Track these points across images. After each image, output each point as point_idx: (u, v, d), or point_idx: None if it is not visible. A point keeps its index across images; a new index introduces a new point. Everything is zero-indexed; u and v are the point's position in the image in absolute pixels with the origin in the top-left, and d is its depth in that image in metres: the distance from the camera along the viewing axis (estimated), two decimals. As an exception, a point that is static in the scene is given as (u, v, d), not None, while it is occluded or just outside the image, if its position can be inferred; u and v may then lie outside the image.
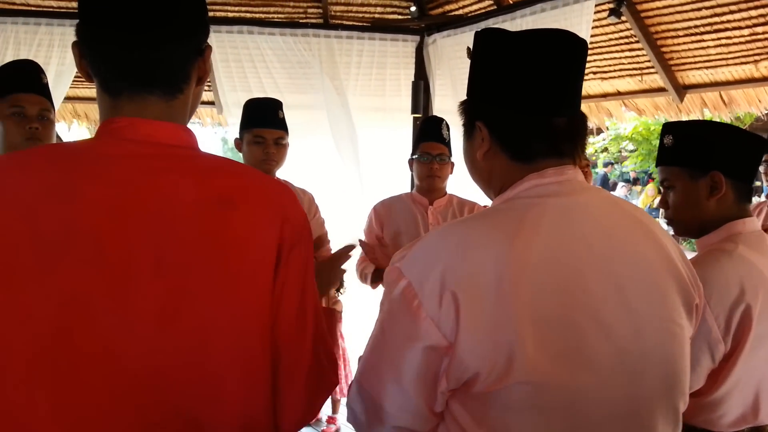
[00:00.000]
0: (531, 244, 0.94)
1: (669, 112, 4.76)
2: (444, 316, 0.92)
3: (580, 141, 1.06)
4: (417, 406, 0.99)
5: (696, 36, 4.15)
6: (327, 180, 5.00)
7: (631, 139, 15.29)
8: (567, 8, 4.04)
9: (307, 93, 5.06)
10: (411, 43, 5.18)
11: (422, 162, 2.86)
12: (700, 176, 1.52)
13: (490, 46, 1.08)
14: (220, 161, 0.99)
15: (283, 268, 0.96)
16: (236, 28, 4.77)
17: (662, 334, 1.00)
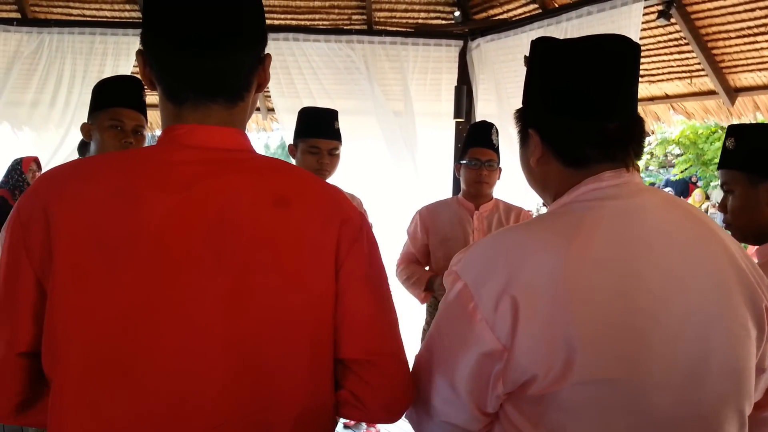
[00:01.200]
0: (589, 246, 0.94)
1: (719, 115, 4.64)
2: (500, 320, 0.93)
3: (633, 146, 1.05)
4: (467, 407, 1.01)
5: (748, 38, 4.04)
6: (375, 184, 5.05)
7: (678, 143, 14.92)
8: (615, 11, 3.98)
9: (355, 98, 5.11)
10: (454, 47, 5.17)
11: (471, 168, 2.86)
12: (761, 181, 1.49)
13: (540, 54, 1.09)
14: (275, 163, 1.03)
15: (344, 264, 0.98)
16: (282, 36, 4.85)
17: (726, 336, 0.99)
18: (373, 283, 1.03)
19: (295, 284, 0.95)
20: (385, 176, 5.19)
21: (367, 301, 1.01)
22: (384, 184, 5.17)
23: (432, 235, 3.00)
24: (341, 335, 1.01)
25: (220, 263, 0.92)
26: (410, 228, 3.11)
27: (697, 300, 0.97)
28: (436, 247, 2.99)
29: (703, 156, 13.80)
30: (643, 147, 1.07)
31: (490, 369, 0.96)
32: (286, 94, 4.98)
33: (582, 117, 1.03)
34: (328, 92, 5.05)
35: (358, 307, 1.00)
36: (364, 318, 1.00)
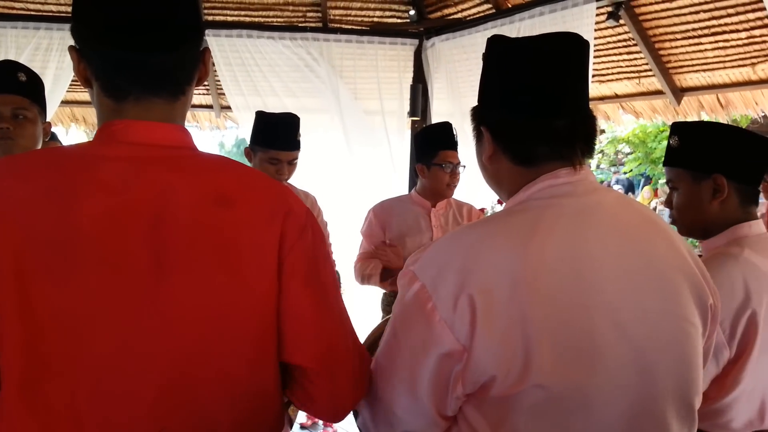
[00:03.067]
0: (546, 245, 0.94)
1: (666, 114, 4.77)
2: (459, 320, 0.92)
3: (581, 144, 1.05)
4: (428, 412, 0.99)
5: (694, 39, 4.16)
6: (332, 182, 5.02)
7: (628, 142, 15.30)
8: (566, 12, 4.05)
9: (312, 96, 5.09)
10: (410, 46, 5.19)
11: (445, 171, 2.86)
12: (704, 178, 1.52)
13: (492, 52, 1.09)
14: (218, 160, 1.01)
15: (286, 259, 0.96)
16: (235, 32, 4.79)
17: (675, 333, 1.01)
18: (318, 282, 1.00)
19: (237, 284, 0.93)
20: (342, 174, 5.17)
21: (311, 302, 0.98)
22: (341, 182, 5.16)
23: (389, 232, 2.99)
24: (284, 338, 0.99)
25: (160, 264, 0.89)
26: (364, 227, 3.08)
27: (648, 297, 0.99)
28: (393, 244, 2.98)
29: (651, 154, 14.18)
30: (593, 145, 1.08)
31: (450, 370, 0.95)
32: (243, 92, 4.92)
33: (530, 115, 1.03)
34: (285, 90, 5.01)
35: (301, 308, 0.98)
36: (307, 321, 0.98)
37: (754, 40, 3.92)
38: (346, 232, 3.98)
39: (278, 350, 0.99)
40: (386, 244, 2.91)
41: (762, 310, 1.39)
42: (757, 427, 1.48)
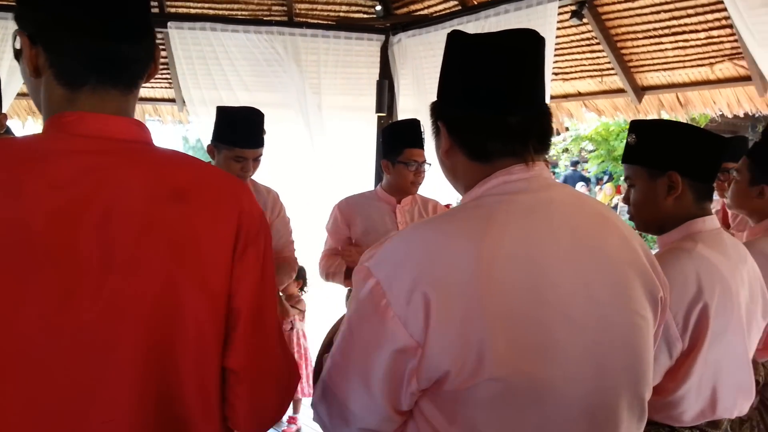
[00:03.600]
0: (500, 241, 0.95)
1: (628, 112, 4.85)
2: (412, 316, 0.92)
3: (533, 141, 1.06)
4: (383, 408, 0.99)
5: (654, 39, 4.24)
6: (295, 178, 4.98)
7: (591, 139, 15.56)
8: (531, 9, 4.09)
9: (276, 91, 5.03)
10: (376, 42, 5.19)
11: (409, 169, 2.85)
12: (659, 175, 1.55)
13: (450, 48, 1.09)
14: (173, 155, 0.99)
15: (239, 262, 0.95)
16: (198, 25, 4.71)
17: (627, 326, 1.02)
18: (262, 291, 0.99)
19: (192, 282, 0.91)
20: (307, 170, 5.14)
21: (255, 310, 0.97)
22: (306, 177, 5.12)
23: (353, 228, 2.98)
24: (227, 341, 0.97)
25: (108, 260, 0.87)
26: (329, 223, 3.07)
27: (600, 292, 1.00)
28: (357, 240, 2.97)
29: (614, 152, 14.44)
30: (548, 142, 1.09)
31: (404, 366, 0.95)
32: (201, 86, 4.84)
33: (485, 110, 1.04)
34: (246, 84, 4.94)
35: (245, 315, 0.96)
36: (248, 328, 0.97)
37: (713, 40, 4.01)
38: (311, 228, 3.96)
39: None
40: (351, 244, 2.91)
41: (713, 303, 1.42)
42: (709, 417, 1.52)
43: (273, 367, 1.02)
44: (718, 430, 1.56)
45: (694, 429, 1.53)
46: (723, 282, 1.45)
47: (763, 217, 2.02)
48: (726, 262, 1.48)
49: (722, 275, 1.46)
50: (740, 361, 1.54)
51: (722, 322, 1.44)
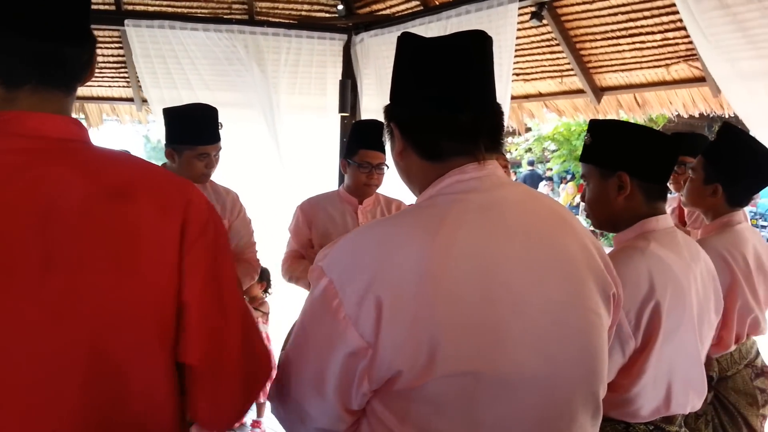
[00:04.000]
0: (452, 240, 0.95)
1: (587, 113, 4.92)
2: (364, 317, 0.92)
3: (484, 139, 1.06)
4: (335, 408, 0.99)
5: (612, 40, 4.31)
6: (257, 179, 4.93)
7: (553, 139, 15.79)
8: (491, 10, 4.12)
9: (237, 90, 4.97)
10: (339, 41, 5.17)
11: (361, 171, 2.82)
12: (609, 175, 1.58)
13: (399, 51, 1.10)
14: (113, 154, 0.98)
15: (187, 255, 0.94)
16: (157, 23, 4.62)
17: (581, 323, 1.03)
18: (217, 282, 0.97)
19: (134, 281, 0.90)
20: (269, 170, 5.08)
21: (207, 303, 0.96)
22: (268, 177, 5.07)
23: (314, 228, 2.95)
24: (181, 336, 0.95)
25: (48, 260, 0.85)
26: (291, 224, 3.04)
27: (553, 289, 1.01)
28: (317, 242, 2.94)
29: (575, 152, 14.68)
30: (500, 140, 1.09)
31: (355, 367, 0.94)
32: (161, 85, 4.75)
33: (435, 110, 1.05)
34: (207, 83, 4.87)
35: (196, 308, 0.95)
36: (200, 321, 0.95)
37: (668, 42, 4.09)
38: (275, 230, 3.92)
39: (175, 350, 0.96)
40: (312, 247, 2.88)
41: (666, 301, 1.44)
42: (663, 413, 1.55)
43: (234, 362, 1.00)
44: (672, 425, 1.58)
45: (649, 425, 1.55)
46: (675, 280, 1.48)
47: (717, 214, 2.07)
48: (679, 261, 1.51)
49: (674, 274, 1.48)
50: (693, 359, 1.56)
51: (675, 320, 1.47)
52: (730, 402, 2.02)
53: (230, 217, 2.72)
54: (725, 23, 3.30)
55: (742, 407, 2.02)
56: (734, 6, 3.25)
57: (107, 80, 5.29)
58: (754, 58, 3.32)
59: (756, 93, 3.42)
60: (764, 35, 3.25)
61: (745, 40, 3.30)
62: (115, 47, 5.01)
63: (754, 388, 2.05)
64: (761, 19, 3.21)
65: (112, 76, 5.25)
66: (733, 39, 3.31)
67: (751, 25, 3.25)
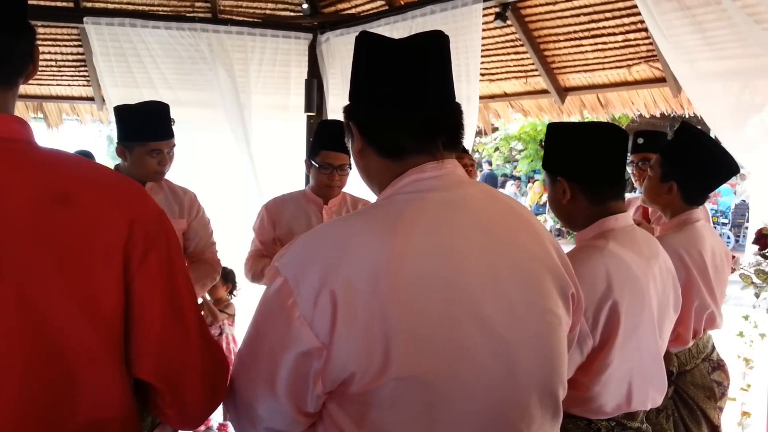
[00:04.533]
0: (409, 239, 0.94)
1: (552, 113, 4.98)
2: (318, 316, 0.91)
3: (442, 137, 1.06)
4: (288, 411, 0.98)
5: (575, 41, 4.36)
6: (222, 179, 4.87)
7: (519, 139, 15.95)
8: (456, 11, 4.14)
9: (200, 89, 4.90)
10: (304, 40, 5.13)
11: (322, 171, 2.80)
12: (555, 180, 1.61)
13: (356, 51, 1.10)
14: (59, 155, 0.94)
15: (140, 268, 0.91)
16: (117, 20, 4.52)
17: (538, 323, 1.03)
18: (174, 294, 0.95)
19: (81, 289, 0.87)
20: (234, 171, 5.02)
21: (161, 315, 0.93)
22: (234, 178, 5.01)
23: (279, 228, 2.92)
24: (132, 350, 0.93)
25: None
26: (256, 224, 3.01)
27: (511, 289, 1.00)
28: (282, 241, 2.91)
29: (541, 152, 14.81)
30: (459, 138, 1.09)
31: (308, 368, 0.93)
32: (122, 84, 4.66)
33: (392, 108, 1.04)
34: (170, 82, 4.79)
35: (150, 321, 0.93)
36: (155, 335, 0.93)
37: (630, 43, 4.16)
38: (240, 230, 3.87)
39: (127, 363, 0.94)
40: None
41: (624, 300, 1.45)
42: (625, 409, 1.56)
43: (196, 368, 0.99)
44: (634, 421, 1.60)
45: (611, 421, 1.56)
46: (634, 279, 1.49)
47: (675, 212, 2.10)
48: (637, 259, 1.52)
49: (633, 272, 1.49)
50: (652, 356, 1.58)
51: (633, 318, 1.48)
52: (689, 396, 2.06)
53: (188, 217, 2.67)
54: (684, 24, 3.37)
55: (701, 401, 2.06)
56: (693, 8, 3.32)
57: (67, 79, 5.17)
58: (711, 59, 3.40)
59: (714, 93, 3.50)
60: (721, 37, 3.32)
61: (703, 42, 3.37)
62: (74, 45, 4.89)
63: (712, 382, 2.09)
64: (718, 21, 3.28)
65: (72, 74, 5.13)
66: (692, 40, 3.38)
67: (709, 27, 3.33)
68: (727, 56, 3.37)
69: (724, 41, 3.33)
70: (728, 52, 3.36)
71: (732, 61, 3.37)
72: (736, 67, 3.38)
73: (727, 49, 3.36)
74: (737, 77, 3.42)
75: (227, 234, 3.74)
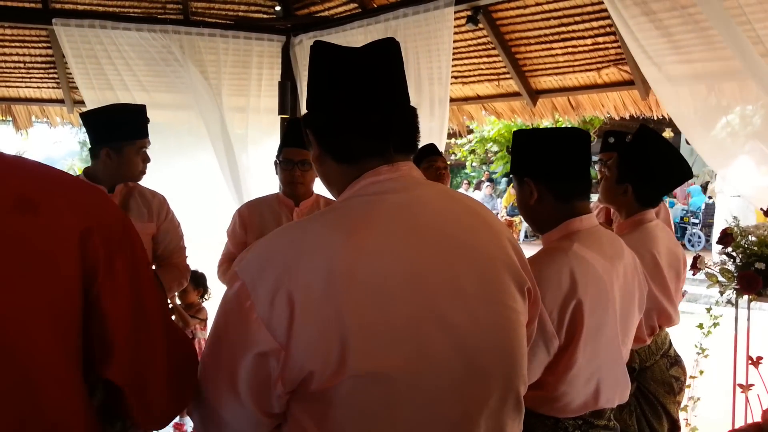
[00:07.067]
0: (366, 240, 0.96)
1: (524, 115, 5.03)
2: (276, 317, 0.92)
3: (394, 138, 1.07)
4: (251, 413, 0.99)
5: (545, 44, 4.41)
6: (194, 181, 4.83)
7: (495, 141, 16.07)
8: (429, 14, 4.16)
9: (176, 92, 4.86)
10: (277, 43, 5.12)
11: (284, 168, 2.82)
12: (522, 182, 1.64)
13: (312, 58, 1.11)
14: (17, 160, 0.93)
15: (107, 275, 0.90)
16: (87, 22, 4.46)
17: (497, 319, 1.04)
18: (136, 298, 0.95)
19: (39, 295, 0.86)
20: (208, 173, 4.99)
21: (126, 319, 0.93)
22: (207, 181, 4.97)
23: (250, 232, 2.92)
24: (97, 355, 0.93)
25: None
26: (230, 227, 3.01)
27: (468, 286, 1.02)
28: (253, 245, 2.91)
29: (516, 154, 14.91)
30: (413, 140, 1.11)
31: (267, 368, 0.94)
32: (95, 86, 4.60)
33: (344, 111, 1.05)
34: (142, 84, 4.75)
35: (115, 325, 0.92)
36: (125, 340, 0.93)
37: (599, 46, 4.22)
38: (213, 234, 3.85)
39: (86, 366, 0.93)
40: None
41: (587, 300, 1.48)
42: (592, 407, 1.58)
43: (160, 372, 0.99)
44: (601, 419, 1.62)
45: (578, 419, 1.59)
46: (598, 280, 1.52)
47: (629, 213, 2.14)
48: (601, 260, 1.55)
49: (597, 273, 1.52)
50: (616, 354, 1.61)
51: (597, 317, 1.51)
52: (650, 392, 2.10)
53: (157, 220, 2.65)
54: (652, 28, 3.43)
55: (661, 396, 2.10)
56: (659, 12, 3.38)
57: (36, 81, 5.09)
58: (678, 62, 3.46)
59: (682, 95, 3.56)
60: (686, 41, 3.39)
61: (669, 45, 3.44)
62: (42, 47, 4.82)
63: (670, 377, 2.14)
64: (683, 25, 3.35)
65: (41, 76, 5.06)
66: (660, 44, 3.44)
67: (675, 31, 3.39)
68: (693, 59, 3.44)
69: (691, 44, 3.40)
70: (695, 55, 3.43)
71: (698, 65, 3.43)
72: (702, 71, 3.45)
73: (693, 53, 3.43)
74: (704, 80, 3.49)
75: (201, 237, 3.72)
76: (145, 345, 0.97)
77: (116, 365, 0.93)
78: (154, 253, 2.65)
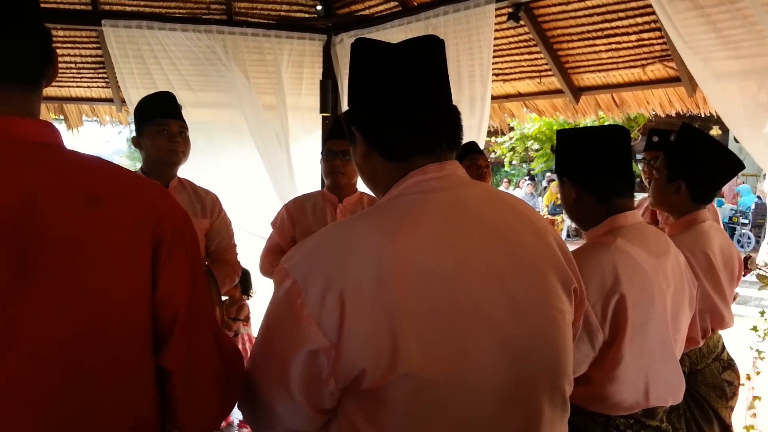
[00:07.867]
0: (413, 238, 0.97)
1: (566, 113, 4.96)
2: (327, 315, 0.93)
3: (443, 136, 1.09)
4: (304, 409, 1.00)
5: (589, 41, 4.34)
6: (237, 178, 4.91)
7: (535, 138, 15.86)
8: (470, 11, 4.14)
9: (220, 91, 4.93)
10: (318, 42, 5.16)
11: (326, 159, 2.88)
12: (563, 182, 1.67)
13: (354, 56, 1.12)
14: (87, 158, 0.97)
15: (167, 263, 0.94)
16: (135, 23, 4.58)
17: (542, 319, 1.05)
18: (195, 292, 0.99)
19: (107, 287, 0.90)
20: (251, 171, 5.06)
21: (190, 311, 0.97)
22: (250, 179, 5.05)
23: (297, 227, 2.98)
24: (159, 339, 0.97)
25: (24, 268, 0.85)
26: (276, 220, 3.07)
27: (514, 286, 1.02)
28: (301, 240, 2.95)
29: (558, 151, 14.69)
30: (458, 138, 1.12)
31: (319, 366, 0.96)
32: (140, 86, 4.71)
33: (393, 110, 1.06)
34: (188, 83, 4.84)
35: (182, 316, 0.96)
36: (183, 328, 0.97)
37: (644, 42, 4.14)
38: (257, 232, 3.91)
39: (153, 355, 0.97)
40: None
41: (631, 295, 1.47)
42: (643, 405, 1.57)
43: (209, 368, 1.02)
44: (653, 419, 1.60)
45: (629, 418, 1.57)
46: (642, 275, 1.50)
47: (683, 212, 2.10)
48: (646, 256, 1.53)
49: (641, 268, 1.51)
50: (667, 352, 1.59)
51: (643, 312, 1.49)
52: (701, 395, 2.06)
53: (210, 217, 2.72)
54: (699, 24, 3.35)
55: (712, 400, 2.06)
56: (707, 7, 3.30)
57: (86, 81, 5.24)
58: (726, 58, 3.38)
59: (730, 92, 3.47)
60: (735, 36, 3.30)
61: (718, 41, 3.35)
62: (93, 47, 4.97)
63: (723, 381, 2.09)
64: (732, 20, 3.26)
65: (91, 76, 5.20)
66: (707, 39, 3.36)
67: (724, 26, 3.30)
68: (742, 55, 3.34)
69: (739, 40, 3.31)
70: (744, 51, 3.33)
71: (747, 60, 3.34)
72: (752, 66, 3.35)
73: (742, 48, 3.33)
74: (753, 76, 3.38)
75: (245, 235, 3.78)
76: (197, 335, 1.00)
77: (171, 350, 0.97)
78: (207, 250, 2.72)
